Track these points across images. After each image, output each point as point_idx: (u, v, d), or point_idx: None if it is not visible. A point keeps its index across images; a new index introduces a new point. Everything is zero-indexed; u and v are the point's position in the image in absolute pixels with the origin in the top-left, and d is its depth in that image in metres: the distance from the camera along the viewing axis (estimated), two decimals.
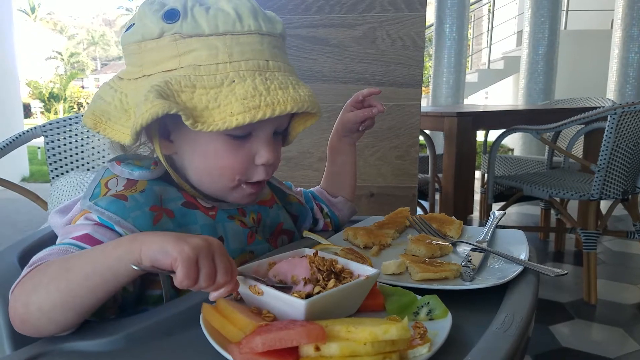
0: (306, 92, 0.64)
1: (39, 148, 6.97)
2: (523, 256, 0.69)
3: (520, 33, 6.76)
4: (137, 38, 0.64)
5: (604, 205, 2.80)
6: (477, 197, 3.68)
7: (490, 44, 7.94)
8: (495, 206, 2.54)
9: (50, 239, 0.72)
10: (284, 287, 0.54)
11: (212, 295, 0.50)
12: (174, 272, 0.48)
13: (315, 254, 0.58)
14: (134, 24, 0.66)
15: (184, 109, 0.59)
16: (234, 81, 0.60)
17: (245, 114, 0.59)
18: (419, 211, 2.76)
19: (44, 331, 0.52)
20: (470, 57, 8.75)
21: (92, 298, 0.52)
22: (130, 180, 0.66)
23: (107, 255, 0.52)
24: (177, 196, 0.68)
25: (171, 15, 0.62)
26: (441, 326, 0.50)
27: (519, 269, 0.64)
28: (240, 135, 0.66)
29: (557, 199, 2.36)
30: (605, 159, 2.00)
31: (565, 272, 0.62)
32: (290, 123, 0.74)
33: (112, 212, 0.61)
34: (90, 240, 0.59)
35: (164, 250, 0.49)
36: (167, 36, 0.62)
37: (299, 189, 0.93)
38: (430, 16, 5.85)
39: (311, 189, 0.95)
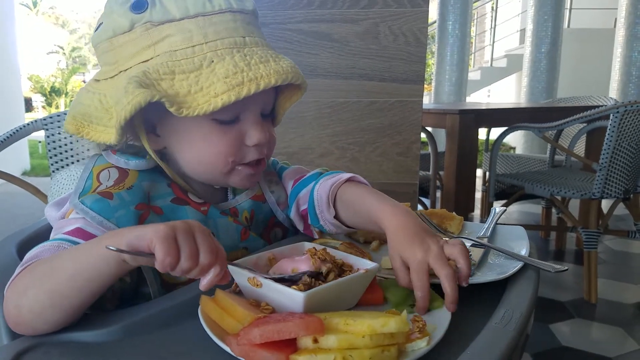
0: (288, 63, 0.62)
1: (39, 142, 6.98)
2: (523, 252, 0.69)
3: (523, 31, 6.74)
4: (108, 35, 0.63)
5: (606, 204, 2.79)
6: (478, 195, 3.68)
7: (493, 42, 7.92)
8: (497, 204, 2.53)
9: (48, 230, 0.72)
10: (284, 278, 0.53)
11: (202, 284, 0.49)
12: (153, 255, 0.47)
13: (315, 250, 0.57)
14: (102, 22, 0.65)
15: (167, 95, 0.58)
16: (212, 61, 0.59)
17: (229, 92, 0.58)
18: (420, 208, 2.75)
19: (39, 330, 0.52)
20: (472, 55, 8.73)
21: (79, 297, 0.51)
22: (122, 173, 0.65)
23: (88, 253, 0.51)
24: (167, 192, 0.67)
25: (139, 5, 0.61)
26: (440, 320, 0.50)
27: (519, 264, 0.64)
28: (228, 120, 0.64)
29: (559, 198, 2.35)
30: (607, 157, 1.99)
31: (566, 267, 0.62)
32: (276, 101, 0.72)
33: (96, 212, 0.60)
34: (82, 234, 0.59)
35: (139, 235, 0.48)
36: (138, 27, 0.61)
37: (292, 181, 0.80)
38: (433, 13, 5.83)
39: (323, 179, 0.76)
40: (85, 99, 0.65)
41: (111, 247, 0.47)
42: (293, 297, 0.48)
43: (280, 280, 0.52)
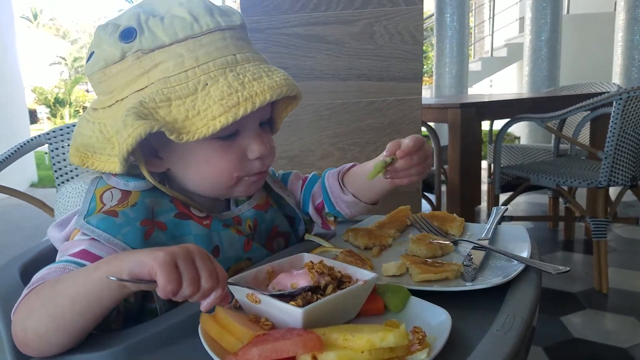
0: (281, 76, 0.63)
1: (46, 153, 7.01)
2: (525, 253, 0.68)
3: (522, 19, 6.69)
4: (100, 65, 0.64)
5: (613, 192, 2.77)
6: (484, 187, 3.66)
7: (493, 32, 7.86)
8: (503, 196, 2.52)
9: (50, 252, 0.73)
10: (283, 294, 0.53)
11: (203, 306, 0.49)
12: (155, 282, 0.47)
13: (313, 263, 0.57)
14: (93, 52, 0.65)
15: (165, 124, 0.58)
16: (207, 84, 0.60)
17: (227, 114, 0.58)
18: (425, 204, 2.75)
19: (44, 352, 0.52)
20: (472, 46, 8.67)
21: (82, 321, 0.52)
22: (125, 193, 0.66)
23: (89, 277, 0.51)
24: (170, 207, 0.67)
25: (128, 35, 0.62)
26: (440, 330, 0.49)
27: (520, 267, 0.63)
28: (227, 136, 0.65)
29: (565, 188, 2.33)
30: (612, 145, 1.97)
31: (567, 269, 0.61)
32: (273, 110, 0.73)
33: (102, 230, 0.61)
34: (87, 255, 0.59)
35: (139, 262, 0.48)
36: (130, 56, 0.62)
37: (301, 181, 0.85)
38: (431, 6, 5.80)
39: (336, 170, 0.82)
40: (85, 129, 0.66)
41: (112, 278, 0.48)
42: (291, 313, 0.48)
43: (280, 296, 0.52)
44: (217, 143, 0.65)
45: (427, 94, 7.32)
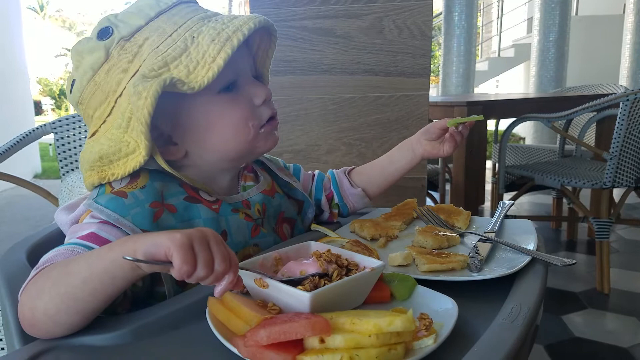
0: (252, 14, 0.66)
1: (50, 145, 7.05)
2: (531, 246, 0.68)
3: (530, 20, 6.66)
4: (88, 77, 0.64)
5: (617, 193, 2.76)
6: (488, 187, 3.65)
7: (500, 32, 7.84)
8: (507, 196, 2.52)
9: (57, 235, 0.73)
10: (292, 280, 0.53)
11: (217, 291, 0.49)
12: (171, 263, 0.47)
13: (320, 252, 0.57)
14: (74, 79, 0.66)
15: (175, 78, 0.59)
16: (193, 37, 0.63)
17: (224, 49, 0.60)
18: (429, 202, 2.75)
19: (53, 333, 0.52)
20: (480, 46, 8.64)
21: (93, 302, 0.52)
22: (134, 175, 0.65)
23: (103, 258, 0.51)
24: (179, 191, 0.68)
25: (104, 32, 0.64)
26: (447, 317, 0.49)
27: (527, 259, 0.63)
28: (229, 87, 0.67)
29: (569, 188, 2.33)
30: (617, 146, 1.97)
31: (574, 261, 0.61)
32: (257, 62, 0.75)
33: (111, 210, 0.61)
34: (96, 238, 0.60)
35: (155, 243, 0.48)
36: (114, 49, 0.63)
37: (311, 172, 0.92)
38: (439, 5, 5.78)
39: (340, 169, 0.93)
40: (91, 148, 0.66)
41: (128, 257, 0.48)
42: (299, 298, 0.48)
43: (290, 282, 0.52)
44: (224, 97, 0.67)
45: (434, 92, 7.30)
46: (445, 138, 0.85)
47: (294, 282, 0.52)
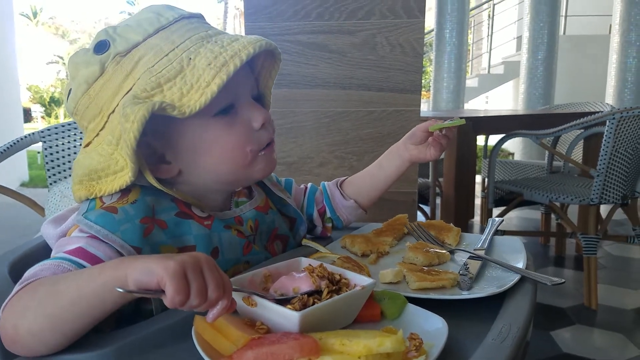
0: (255, 36, 0.64)
1: (38, 152, 6.97)
2: (520, 264, 0.69)
3: (519, 38, 6.78)
4: (83, 89, 0.64)
5: (604, 209, 2.79)
6: (478, 201, 3.68)
7: (490, 49, 7.96)
8: (496, 211, 2.54)
9: (41, 249, 0.71)
10: (284, 298, 0.53)
11: (209, 316, 0.48)
12: (162, 291, 0.46)
13: (313, 267, 0.57)
14: (71, 88, 0.66)
15: (165, 103, 0.58)
16: (190, 58, 0.61)
17: (219, 74, 0.59)
18: (420, 216, 2.75)
19: (36, 352, 0.51)
20: (470, 62, 8.76)
21: (80, 324, 0.51)
22: (125, 190, 0.64)
23: (93, 280, 0.50)
24: (171, 206, 0.66)
25: (101, 47, 0.63)
26: (437, 338, 0.49)
27: (516, 277, 0.64)
28: (226, 110, 0.66)
29: (557, 204, 2.35)
30: (604, 163, 1.99)
31: (563, 280, 0.62)
32: (259, 84, 0.73)
33: (101, 226, 0.60)
34: (83, 254, 0.58)
35: (148, 270, 0.46)
36: (109, 64, 0.62)
37: (303, 185, 0.91)
38: (431, 21, 5.87)
39: (332, 181, 0.92)
40: (82, 161, 0.65)
41: (120, 289, 0.47)
42: (288, 317, 0.48)
43: (284, 301, 0.51)
44: (220, 121, 0.65)
45: (425, 107, 7.36)
46: (430, 142, 0.84)
47: (283, 301, 0.52)
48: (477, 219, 3.54)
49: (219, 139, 0.66)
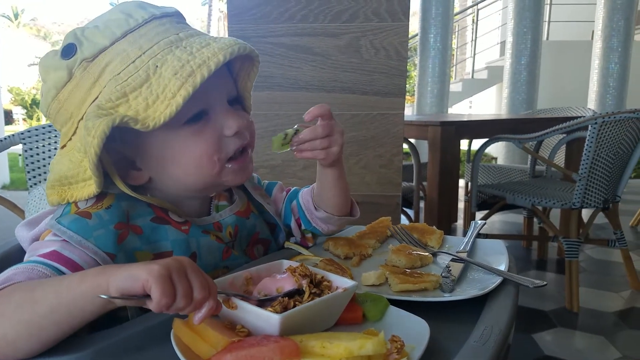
0: (229, 39, 0.61)
1: (20, 155, 6.84)
2: (503, 267, 0.69)
3: (503, 43, 6.87)
4: (52, 94, 0.63)
5: (586, 213, 2.83)
6: (461, 205, 3.71)
7: (474, 54, 8.06)
8: (479, 214, 2.57)
9: (15, 252, 0.70)
10: (268, 298, 0.52)
11: (196, 318, 0.47)
12: (148, 295, 0.45)
13: (294, 267, 0.56)
14: (43, 92, 0.64)
15: (128, 118, 0.56)
16: (157, 66, 0.58)
17: (185, 86, 0.56)
18: (404, 219, 2.76)
19: (8, 358, 0.49)
20: (454, 67, 8.86)
21: (57, 331, 0.49)
22: (100, 195, 0.63)
23: (73, 289, 0.49)
24: (147, 211, 0.65)
25: (68, 51, 0.61)
26: (418, 339, 0.49)
27: (498, 279, 0.64)
28: (197, 118, 0.63)
29: (540, 208, 2.38)
30: (586, 168, 2.02)
31: (545, 283, 0.62)
32: (238, 85, 0.70)
33: (74, 232, 0.59)
34: (57, 257, 0.57)
35: (131, 276, 0.45)
36: (77, 70, 0.61)
37: (285, 192, 0.86)
38: (415, 26, 5.91)
39: (306, 188, 0.85)
40: (56, 165, 0.64)
41: (103, 296, 0.46)
42: (268, 320, 0.47)
43: (268, 300, 0.51)
44: (189, 129, 0.63)
45: (409, 111, 7.41)
46: (298, 156, 0.73)
47: (267, 301, 0.51)
48: (460, 222, 3.57)
49: (186, 148, 0.63)
